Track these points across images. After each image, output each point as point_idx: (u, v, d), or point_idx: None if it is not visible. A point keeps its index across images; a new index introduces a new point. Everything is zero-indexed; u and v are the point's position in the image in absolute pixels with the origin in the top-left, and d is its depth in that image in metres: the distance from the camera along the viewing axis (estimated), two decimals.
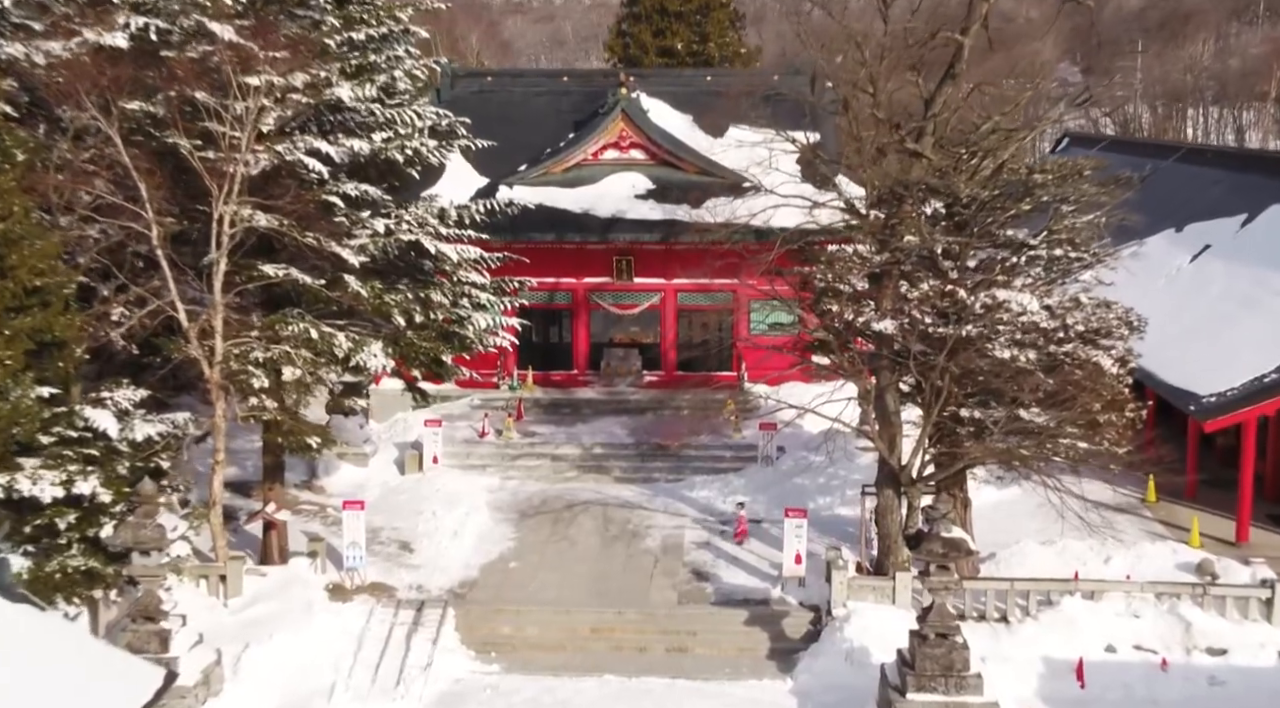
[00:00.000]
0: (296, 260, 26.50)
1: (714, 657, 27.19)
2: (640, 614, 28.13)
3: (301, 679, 25.63)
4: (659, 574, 30.14)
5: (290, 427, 26.49)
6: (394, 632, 27.45)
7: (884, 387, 27.52)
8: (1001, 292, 25.68)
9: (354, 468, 36.79)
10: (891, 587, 27.36)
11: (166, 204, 25.39)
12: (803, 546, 28.81)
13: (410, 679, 25.81)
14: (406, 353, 26.58)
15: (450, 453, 37.55)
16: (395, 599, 28.73)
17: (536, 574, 30.20)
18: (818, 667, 26.10)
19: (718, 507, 34.62)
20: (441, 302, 27.89)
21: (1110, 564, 28.48)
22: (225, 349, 25.87)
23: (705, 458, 37.52)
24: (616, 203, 41.42)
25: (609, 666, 26.57)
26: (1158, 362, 32.44)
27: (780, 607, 28.24)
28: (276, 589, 27.84)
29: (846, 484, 34.64)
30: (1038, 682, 25.35)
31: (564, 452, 37.95)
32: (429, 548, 31.71)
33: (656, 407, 41.41)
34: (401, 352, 26.54)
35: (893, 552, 28.21)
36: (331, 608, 27.89)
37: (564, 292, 43.45)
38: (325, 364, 25.74)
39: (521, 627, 28.04)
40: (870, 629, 26.36)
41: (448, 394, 41.84)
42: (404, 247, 27.53)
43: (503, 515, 34.12)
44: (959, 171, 26.27)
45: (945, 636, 22.95)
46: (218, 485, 27.57)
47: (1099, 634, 26.20)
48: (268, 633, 26.25)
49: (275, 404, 26.37)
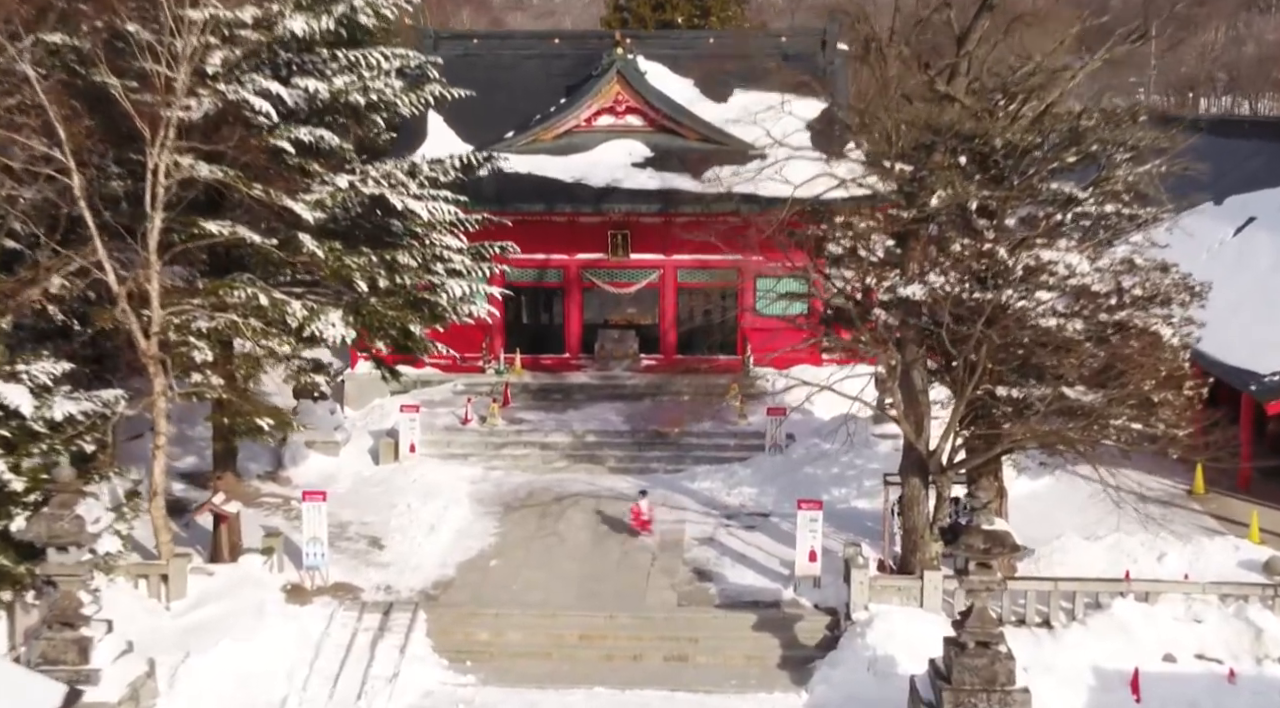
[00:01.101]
0: (246, 219, 23.41)
1: (718, 666, 24.08)
2: (635, 618, 25.01)
3: (249, 692, 22.60)
4: (656, 573, 27.02)
5: (240, 407, 23.34)
6: (357, 638, 24.37)
7: (910, 362, 24.37)
8: (1046, 252, 22.55)
9: (323, 458, 33.66)
10: (919, 587, 24.24)
11: (95, 154, 22.27)
12: (817, 541, 25.67)
13: (373, 692, 22.74)
14: (369, 322, 23.40)
15: (430, 441, 34.42)
16: (360, 601, 25.65)
17: (520, 573, 27.08)
18: (836, 678, 23.00)
19: (722, 499, 31.50)
20: (410, 264, 24.72)
21: (1165, 562, 25.41)
22: (163, 318, 22.75)
23: (708, 447, 34.39)
24: (611, 172, 38.25)
25: (600, 676, 23.48)
26: (1207, 338, 29.35)
27: (793, 610, 25.12)
28: (225, 590, 24.71)
29: (864, 474, 31.54)
30: (1087, 695, 22.31)
31: (554, 440, 34.81)
32: (401, 544, 28.62)
33: (654, 392, 38.27)
34: (364, 321, 23.35)
35: (920, 548, 25.08)
36: (287, 611, 24.78)
37: (555, 269, 40.29)
38: (277, 335, 22.58)
39: (501, 632, 24.94)
40: (896, 636, 23.26)
41: (428, 379, 38.79)
42: (368, 205, 24.43)
43: (485, 509, 31.00)
44: (996, 117, 23.07)
45: (987, 644, 19.84)
46: (159, 473, 24.46)
47: (1156, 642, 23.13)
48: (212, 640, 23.17)
49: (221, 381, 23.21)
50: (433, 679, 23.49)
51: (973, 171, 23.40)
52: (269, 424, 23.72)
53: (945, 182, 22.67)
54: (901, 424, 24.29)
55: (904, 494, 25.28)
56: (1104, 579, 24.36)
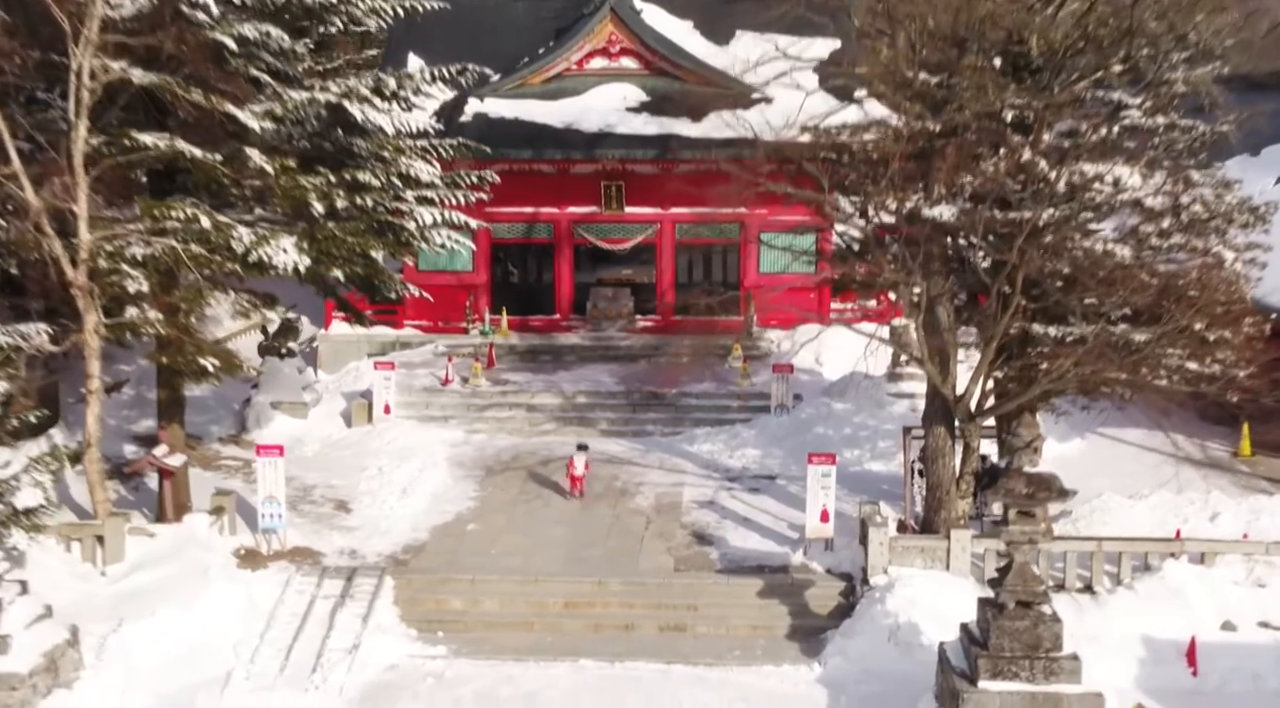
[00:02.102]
0: (189, 133, 20.73)
1: (720, 637, 21.44)
2: (627, 584, 22.36)
3: (189, 665, 19.95)
4: (651, 537, 24.39)
5: (182, 345, 20.68)
6: (315, 606, 21.71)
7: (935, 297, 21.65)
8: (1091, 166, 19.86)
9: (291, 420, 31.03)
10: (945, 548, 21.59)
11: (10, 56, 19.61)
12: (830, 500, 23.02)
13: (330, 665, 20.07)
14: (326, 249, 20.69)
15: (407, 403, 31.75)
16: (320, 567, 22.99)
17: (500, 538, 24.43)
18: (853, 649, 20.34)
19: (724, 462, 28.85)
20: (373, 184, 21.98)
21: (1218, 522, 22.76)
22: (92, 243, 20.09)
23: (708, 408, 31.71)
24: (604, 117, 35.60)
25: (587, 648, 20.84)
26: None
27: (803, 575, 22.48)
28: (167, 554, 22.05)
29: (878, 435, 28.89)
30: (1137, 668, 19.68)
31: (541, 401, 32.13)
32: (370, 508, 26.00)
33: (651, 353, 35.62)
34: (320, 248, 20.65)
35: (945, 506, 22.45)
36: (236, 577, 22.12)
37: (544, 224, 37.65)
38: (221, 263, 19.91)
39: (477, 600, 22.30)
40: (919, 601, 20.62)
41: (407, 340, 36.24)
42: (327, 119, 21.71)
43: (465, 472, 28.33)
44: (1034, 12, 20.36)
45: (1029, 604, 17.19)
46: (92, 423, 21.84)
47: (1214, 608, 20.52)
48: (149, 607, 20.57)
49: (160, 315, 20.54)
50: (399, 651, 20.84)
51: (1008, 78, 20.70)
52: (214, 365, 20.98)
53: (976, 87, 19.95)
54: (925, 366, 21.61)
55: (927, 446, 22.62)
56: (1153, 539, 21.77)
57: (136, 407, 31.46)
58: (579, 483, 26.38)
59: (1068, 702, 16.87)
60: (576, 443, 27.43)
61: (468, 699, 19.38)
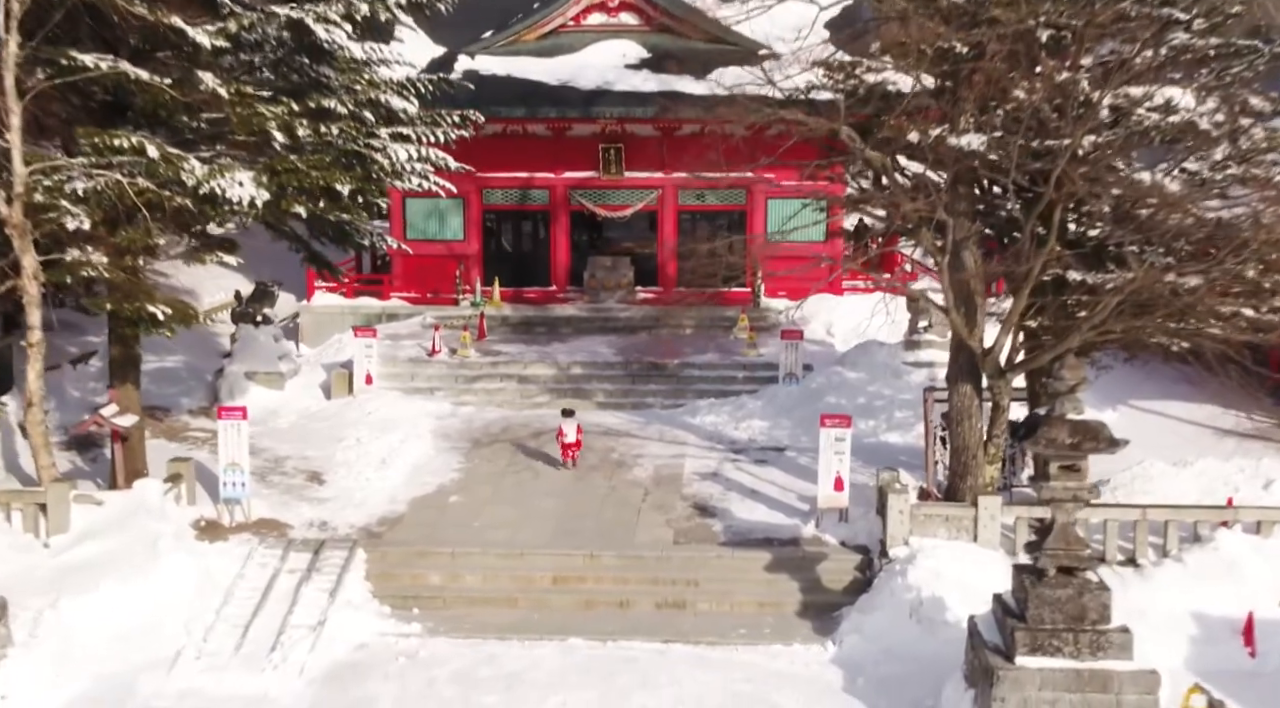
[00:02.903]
0: (140, 61, 18.76)
1: (723, 614, 19.44)
2: (621, 558, 20.36)
3: (133, 644, 18.02)
4: (649, 509, 22.37)
5: (129, 289, 18.69)
6: (278, 581, 19.75)
7: (961, 239, 19.62)
8: (1137, 88, 17.82)
9: (266, 392, 29.01)
10: (972, 516, 19.57)
11: None
12: (845, 467, 20.97)
13: (292, 643, 18.10)
14: (286, 181, 18.66)
15: (391, 374, 29.76)
16: (286, 539, 20.99)
17: (485, 510, 22.43)
18: (871, 626, 18.32)
19: (729, 434, 26.81)
20: (339, 111, 19.96)
21: (1272, 490, 20.71)
22: (27, 176, 18.11)
23: (712, 379, 29.67)
24: (602, 74, 33.58)
25: (576, 626, 18.87)
26: None
27: (815, 548, 20.45)
28: (116, 523, 20.05)
29: (895, 405, 26.87)
30: (1188, 647, 17.65)
31: (534, 372, 30.10)
32: (345, 479, 24.01)
33: (652, 325, 33.63)
34: (280, 181, 18.62)
35: (971, 472, 20.41)
36: (191, 549, 20.13)
37: (539, 190, 35.63)
38: (170, 197, 17.91)
39: (457, 574, 20.30)
40: (944, 575, 18.61)
41: (394, 312, 34.28)
42: (291, 46, 19.71)
43: (450, 444, 26.33)
44: None
45: (1072, 570, 15.16)
46: (33, 380, 19.87)
47: (1272, 581, 18.45)
48: (93, 581, 18.59)
49: (105, 258, 18.56)
50: (369, 629, 18.86)
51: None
52: (165, 313, 18.95)
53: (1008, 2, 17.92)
54: (949, 315, 19.55)
55: (952, 406, 20.59)
56: (1203, 506, 19.73)
57: (104, 379, 29.51)
58: (570, 452, 24.39)
59: (1118, 680, 14.82)
60: (562, 410, 25.41)
61: (443, 680, 17.39)
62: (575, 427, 24.45)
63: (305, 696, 17.12)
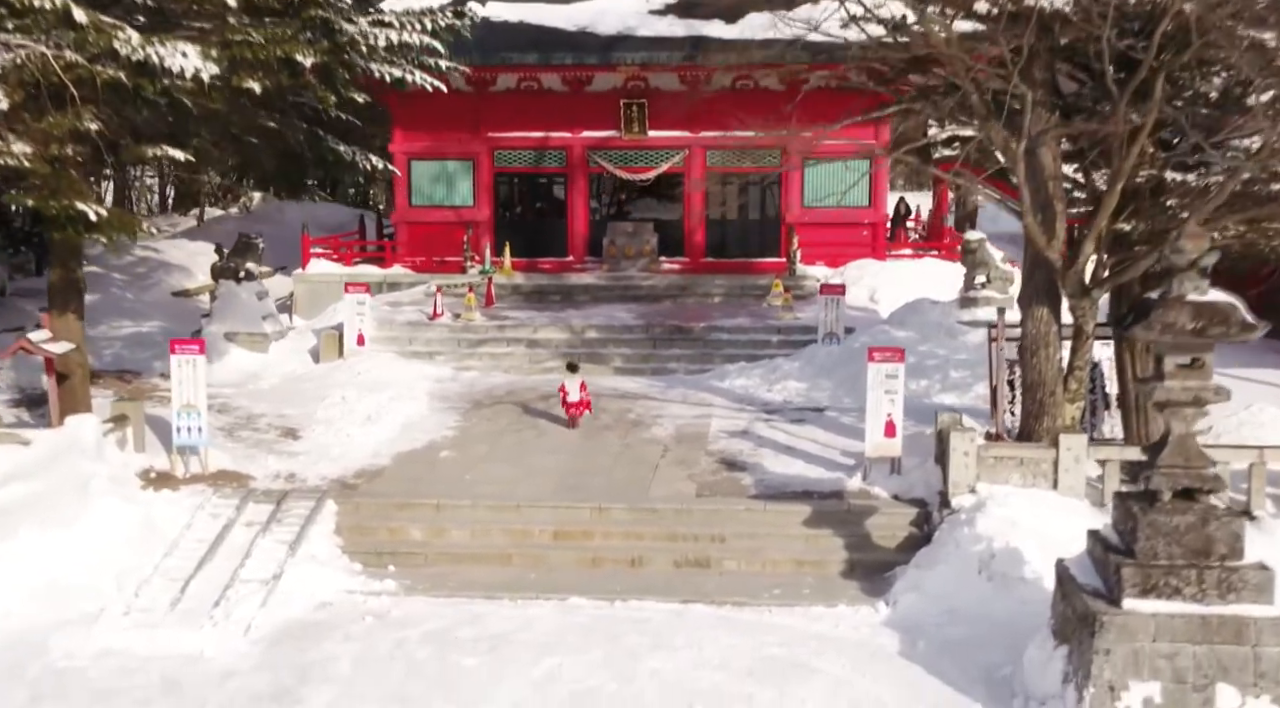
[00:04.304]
0: None
1: (754, 574, 16.39)
2: (634, 511, 17.32)
3: (51, 599, 15.17)
4: (669, 465, 19.35)
5: (53, 184, 15.91)
6: (231, 533, 16.82)
7: (1037, 137, 16.57)
8: None
9: (247, 354, 26.21)
10: (1052, 458, 16.45)
11: None
12: (897, 409, 17.90)
13: (238, 599, 15.16)
14: (239, 53, 15.87)
15: (388, 338, 26.91)
16: (246, 490, 18.08)
17: (479, 467, 19.47)
18: (932, 584, 15.21)
19: (761, 396, 23.77)
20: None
21: None
22: None
23: (743, 343, 26.63)
24: (623, 19, 30.82)
25: (579, 585, 15.88)
26: None
27: (862, 501, 17.37)
28: (42, 465, 17.21)
29: (950, 364, 23.83)
30: None
31: (545, 336, 27.14)
32: (323, 435, 21.11)
33: (677, 294, 30.66)
34: (233, 53, 15.83)
35: (1048, 411, 17.32)
36: (133, 496, 17.31)
37: (555, 150, 32.82)
38: (101, 72, 15.15)
39: (442, 529, 17.31)
40: (1019, 525, 15.49)
41: (396, 281, 31.51)
42: None
43: (447, 405, 23.41)
44: None
45: (1193, 494, 12.01)
46: None
47: None
48: (8, 528, 15.75)
49: (28, 148, 15.80)
50: (334, 586, 15.91)
51: None
52: (99, 213, 16.12)
53: None
54: (1026, 222, 16.50)
55: (1025, 334, 17.50)
56: None
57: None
58: (574, 411, 21.41)
59: (1255, 629, 11.63)
60: (566, 364, 22.49)
61: (415, 641, 14.38)
62: (579, 384, 21.49)
63: (250, 656, 14.15)
